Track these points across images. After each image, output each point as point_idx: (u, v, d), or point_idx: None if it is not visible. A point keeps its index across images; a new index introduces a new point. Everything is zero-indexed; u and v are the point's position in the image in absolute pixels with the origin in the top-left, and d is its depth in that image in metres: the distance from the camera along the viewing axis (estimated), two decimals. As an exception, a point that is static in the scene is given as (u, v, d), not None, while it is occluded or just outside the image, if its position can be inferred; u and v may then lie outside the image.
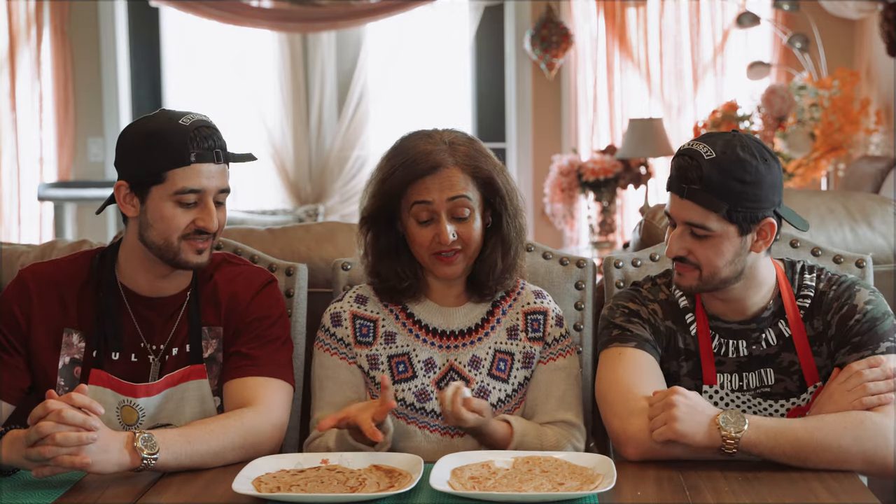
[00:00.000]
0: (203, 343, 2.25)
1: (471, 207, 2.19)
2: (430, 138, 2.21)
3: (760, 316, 2.21)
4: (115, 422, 2.19)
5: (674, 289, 2.27)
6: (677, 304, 2.26)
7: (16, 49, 7.02)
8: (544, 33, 7.03)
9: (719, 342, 2.22)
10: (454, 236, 2.18)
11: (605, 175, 6.57)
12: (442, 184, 2.17)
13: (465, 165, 2.18)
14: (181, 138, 2.12)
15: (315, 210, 7.36)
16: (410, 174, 2.17)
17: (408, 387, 2.23)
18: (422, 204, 2.17)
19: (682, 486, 1.90)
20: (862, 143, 6.13)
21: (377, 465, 1.98)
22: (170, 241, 2.15)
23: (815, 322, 2.21)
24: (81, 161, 7.25)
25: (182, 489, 1.94)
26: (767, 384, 2.20)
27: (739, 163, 2.07)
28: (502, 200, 2.23)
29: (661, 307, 2.26)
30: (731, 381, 2.21)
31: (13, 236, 7.02)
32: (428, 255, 2.21)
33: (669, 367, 2.24)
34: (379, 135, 7.55)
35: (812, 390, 2.18)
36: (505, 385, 2.25)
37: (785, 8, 6.54)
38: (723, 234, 2.10)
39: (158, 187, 2.14)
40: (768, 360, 2.21)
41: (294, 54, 7.41)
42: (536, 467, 1.95)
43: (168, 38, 7.52)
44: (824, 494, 1.87)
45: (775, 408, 2.20)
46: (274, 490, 1.86)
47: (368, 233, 2.27)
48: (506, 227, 2.24)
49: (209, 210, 2.16)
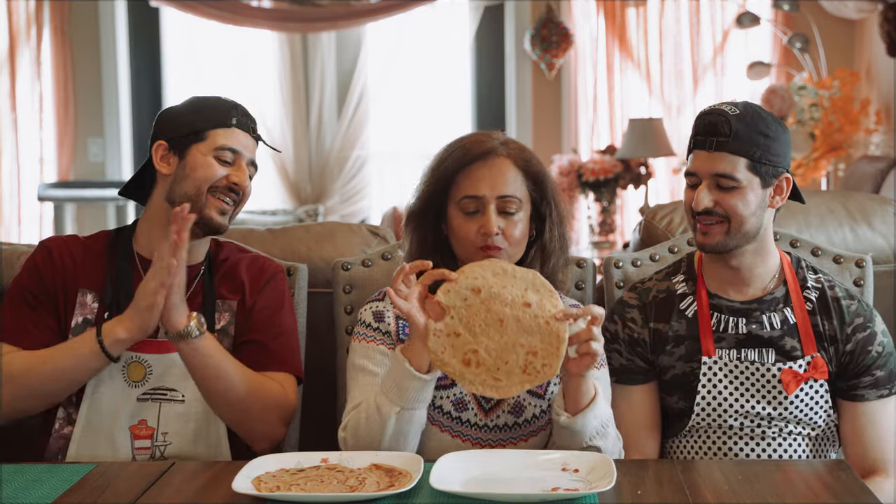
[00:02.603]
0: (216, 315, 2.31)
1: (519, 205, 2.17)
2: (486, 134, 2.24)
3: (763, 298, 2.30)
4: (118, 378, 2.25)
5: (673, 280, 2.37)
6: (672, 292, 2.35)
7: (16, 49, 7.03)
8: (544, 33, 7.03)
9: (718, 318, 2.31)
10: (499, 230, 2.14)
11: (605, 175, 6.57)
12: (493, 177, 2.16)
13: (517, 158, 2.19)
14: (225, 105, 2.34)
15: (315, 210, 7.36)
16: (463, 158, 2.17)
17: (446, 394, 2.17)
18: (471, 198, 2.15)
19: (682, 486, 1.90)
20: (862, 143, 6.13)
21: (377, 465, 1.98)
22: (201, 191, 2.26)
23: (825, 322, 2.29)
24: (81, 161, 7.25)
25: (182, 488, 1.94)
26: (768, 364, 2.28)
27: (762, 119, 2.23)
28: (549, 205, 2.21)
29: (641, 312, 2.36)
30: (730, 356, 2.29)
31: (13, 236, 7.03)
32: (473, 248, 2.16)
33: (660, 361, 2.33)
34: (379, 135, 7.55)
35: (809, 359, 2.27)
36: (541, 401, 2.20)
37: (785, 8, 6.55)
38: (748, 185, 2.22)
39: (199, 144, 2.29)
40: (770, 341, 2.28)
41: (294, 54, 7.42)
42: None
43: (168, 38, 7.53)
44: (824, 494, 1.87)
45: (773, 371, 2.27)
46: (274, 489, 1.86)
47: (415, 230, 2.25)
48: (548, 233, 2.22)
49: (242, 169, 2.30)
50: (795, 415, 2.26)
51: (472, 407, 2.18)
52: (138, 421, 2.25)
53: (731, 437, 2.28)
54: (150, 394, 2.26)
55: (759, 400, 2.26)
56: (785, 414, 2.26)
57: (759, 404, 2.26)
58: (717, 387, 2.28)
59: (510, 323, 1.95)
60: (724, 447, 2.28)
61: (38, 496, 1.88)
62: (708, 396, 2.28)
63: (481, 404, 2.18)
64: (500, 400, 2.17)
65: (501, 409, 2.18)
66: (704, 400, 2.28)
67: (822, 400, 2.27)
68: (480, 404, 2.18)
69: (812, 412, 2.27)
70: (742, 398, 2.27)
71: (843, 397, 2.29)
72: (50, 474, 2.00)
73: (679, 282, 2.37)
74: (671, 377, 2.32)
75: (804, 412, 2.26)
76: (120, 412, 2.25)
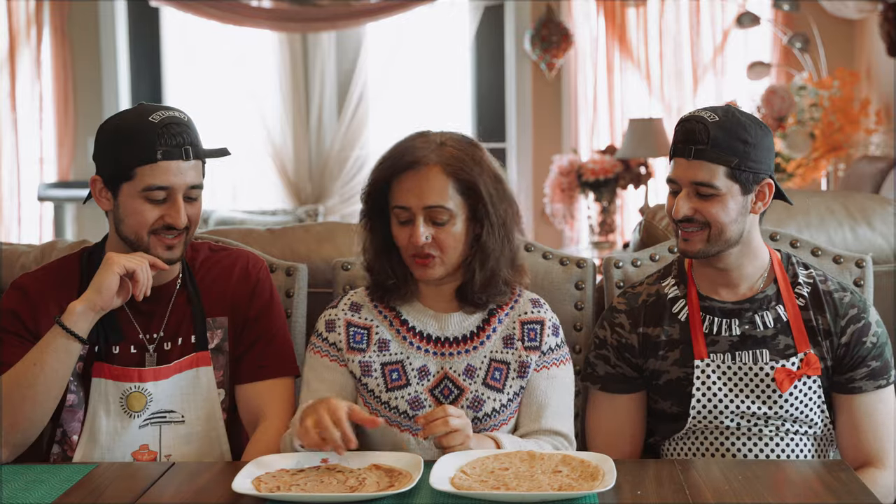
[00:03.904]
0: (208, 334, 2.29)
1: (450, 214, 2.15)
2: (423, 137, 2.20)
3: (754, 297, 2.29)
4: (118, 412, 2.21)
5: (664, 283, 2.36)
6: (664, 296, 2.34)
7: (16, 49, 7.03)
8: (544, 33, 7.03)
9: (710, 321, 2.29)
10: (427, 239, 2.15)
11: (605, 175, 6.57)
12: (421, 187, 2.14)
13: (447, 165, 2.15)
14: (149, 136, 2.14)
15: (315, 210, 7.36)
16: (392, 168, 2.17)
17: (401, 395, 2.21)
18: (401, 209, 2.16)
19: (682, 485, 1.90)
20: (862, 143, 6.13)
21: (377, 465, 1.98)
22: (140, 236, 2.18)
23: (818, 317, 2.28)
24: (81, 161, 7.25)
25: (182, 489, 1.94)
26: (761, 364, 2.27)
27: (740, 125, 2.20)
28: (484, 208, 2.17)
29: (629, 317, 2.35)
30: (723, 359, 2.28)
31: (13, 236, 7.03)
32: (407, 255, 2.19)
33: (650, 365, 2.32)
34: (379, 135, 7.55)
35: (802, 356, 2.26)
36: (500, 395, 2.22)
37: (785, 8, 6.54)
38: (727, 193, 2.20)
39: (128, 184, 2.17)
40: (763, 341, 2.27)
41: (294, 54, 7.42)
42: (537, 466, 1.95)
43: (168, 38, 7.52)
44: (824, 494, 1.87)
45: (766, 371, 2.26)
46: (274, 490, 1.86)
47: (367, 227, 2.27)
48: (486, 236, 2.19)
49: (177, 206, 2.18)
50: (791, 413, 2.26)
51: (428, 405, 2.20)
52: (140, 447, 2.23)
53: (728, 438, 2.28)
54: (150, 419, 2.23)
55: (755, 400, 2.26)
56: (780, 412, 2.25)
57: (755, 404, 2.26)
58: (710, 389, 2.27)
59: None
60: (722, 448, 2.28)
61: (38, 496, 1.88)
62: (703, 399, 2.27)
63: (439, 400, 2.20)
64: (459, 395, 2.21)
65: (460, 404, 2.20)
66: (700, 403, 2.27)
67: (815, 396, 2.27)
68: (438, 400, 2.20)
69: (807, 409, 2.27)
70: (737, 399, 2.26)
71: (840, 391, 2.29)
72: (50, 474, 2.00)
73: (670, 285, 2.35)
74: (665, 382, 2.31)
75: (799, 409, 2.26)
76: (121, 442, 2.22)
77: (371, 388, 2.22)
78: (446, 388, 2.21)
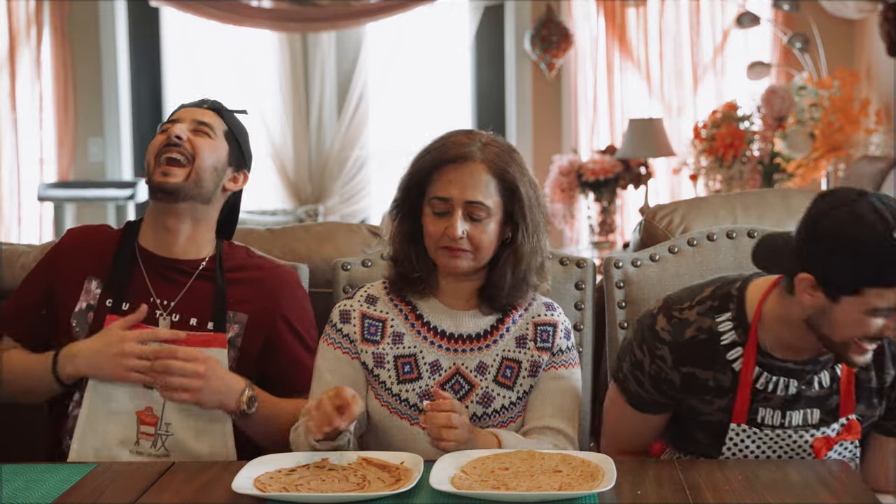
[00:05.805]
0: (226, 325, 2.33)
1: (488, 212, 2.18)
2: (468, 135, 2.24)
3: (818, 358, 2.13)
4: None
5: (719, 320, 2.13)
6: (716, 337, 2.13)
7: (16, 49, 7.02)
8: (544, 33, 7.03)
9: (767, 379, 2.13)
10: (463, 234, 2.17)
11: (605, 175, 6.57)
12: (464, 181, 2.17)
13: (491, 164, 2.19)
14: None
15: (315, 210, 7.36)
16: (438, 159, 2.20)
17: (412, 387, 2.23)
18: (440, 199, 2.18)
19: (682, 485, 1.90)
20: (862, 143, 6.13)
21: (373, 461, 1.99)
22: (149, 162, 2.35)
23: (880, 374, 2.16)
24: (81, 161, 7.25)
25: (182, 489, 1.94)
26: (811, 423, 2.16)
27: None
28: (521, 212, 2.21)
29: (672, 352, 2.14)
30: (773, 417, 2.15)
31: (13, 236, 7.02)
32: (436, 247, 2.20)
33: (691, 402, 2.18)
34: (379, 135, 7.55)
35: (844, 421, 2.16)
36: (510, 392, 2.24)
37: (785, 8, 6.54)
38: None
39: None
40: (818, 400, 2.15)
41: (294, 54, 7.41)
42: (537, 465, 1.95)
43: (168, 38, 7.52)
44: (825, 494, 1.87)
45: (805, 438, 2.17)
46: (274, 490, 1.86)
47: (397, 217, 2.29)
48: (520, 239, 2.22)
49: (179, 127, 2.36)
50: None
51: None
52: (145, 407, 2.27)
53: None
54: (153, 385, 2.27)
55: (787, 461, 2.15)
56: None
57: (788, 464, 2.13)
58: (744, 441, 2.16)
59: None
60: None
61: (38, 496, 1.88)
62: (734, 448, 2.17)
63: None
64: (469, 390, 2.22)
65: (470, 399, 2.22)
66: (730, 451, 2.17)
67: (850, 454, 2.19)
68: None
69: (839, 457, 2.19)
70: (773, 455, 2.17)
71: (881, 432, 2.21)
72: (50, 474, 2.00)
73: (727, 328, 2.13)
74: (704, 421, 2.18)
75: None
76: (125, 396, 2.28)
77: (383, 380, 2.24)
78: (457, 384, 2.23)
